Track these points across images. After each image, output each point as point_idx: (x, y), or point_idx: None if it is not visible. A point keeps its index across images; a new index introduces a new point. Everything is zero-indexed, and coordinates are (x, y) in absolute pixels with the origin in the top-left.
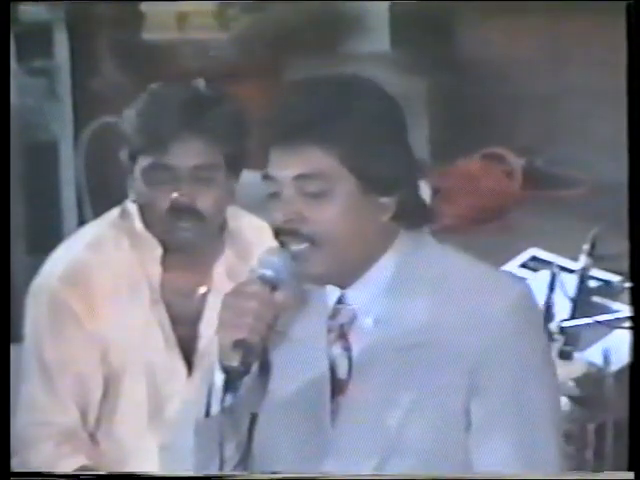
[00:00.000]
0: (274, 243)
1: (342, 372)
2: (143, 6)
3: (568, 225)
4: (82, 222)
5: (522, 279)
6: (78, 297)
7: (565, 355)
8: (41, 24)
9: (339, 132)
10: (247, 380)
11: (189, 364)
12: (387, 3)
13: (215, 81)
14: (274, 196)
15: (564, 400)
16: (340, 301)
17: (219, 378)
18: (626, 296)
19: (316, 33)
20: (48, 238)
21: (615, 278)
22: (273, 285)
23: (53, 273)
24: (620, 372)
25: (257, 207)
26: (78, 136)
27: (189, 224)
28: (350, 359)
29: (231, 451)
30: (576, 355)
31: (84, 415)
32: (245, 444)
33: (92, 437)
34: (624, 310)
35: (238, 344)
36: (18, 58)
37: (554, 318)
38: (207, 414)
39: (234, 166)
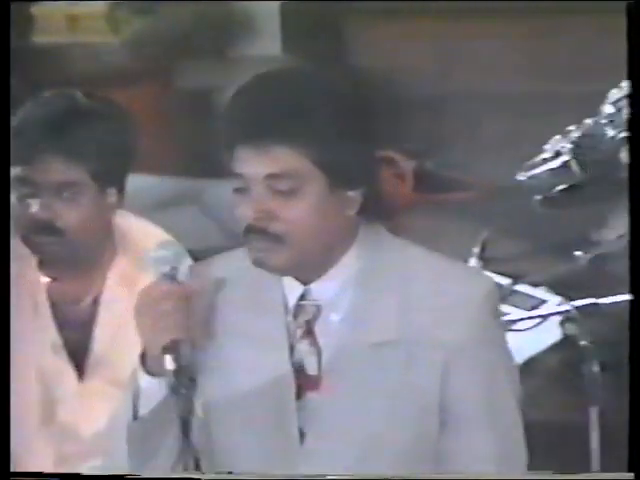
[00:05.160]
0: (163, 238)
1: (312, 368)
2: (33, 8)
3: (458, 228)
4: None
5: (484, 273)
6: None
7: None
8: None
9: (308, 130)
10: (182, 380)
11: (81, 369)
12: (277, 5)
13: (103, 88)
14: (243, 193)
15: None
16: (303, 297)
17: (145, 381)
18: (515, 299)
19: (207, 36)
20: None
21: (504, 281)
22: (175, 278)
23: None
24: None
25: (149, 211)
26: None
27: (49, 240)
28: (319, 355)
29: (166, 455)
30: None
31: None
32: (184, 447)
33: None
34: (512, 313)
35: (168, 347)
36: None
37: None
38: (135, 417)
39: (107, 182)
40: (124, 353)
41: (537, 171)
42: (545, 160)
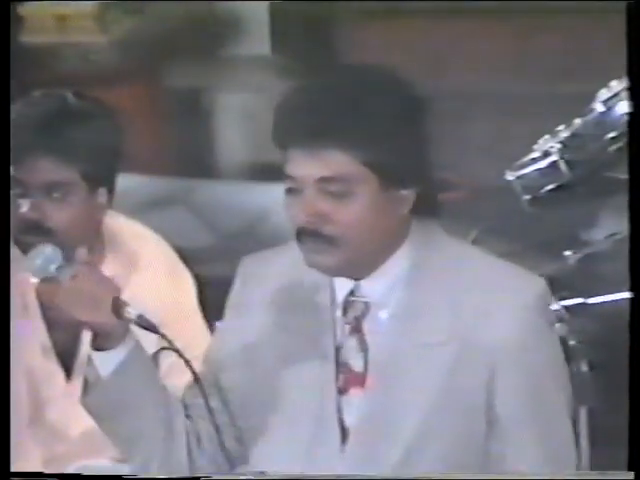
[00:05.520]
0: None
1: (358, 365)
2: (21, 8)
3: (448, 228)
4: None
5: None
6: None
7: None
8: None
9: (360, 133)
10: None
11: (69, 369)
12: (266, 5)
13: (92, 88)
14: (294, 194)
15: None
16: (352, 293)
17: (98, 357)
18: None
19: (196, 37)
20: None
21: None
22: (66, 268)
23: None
24: None
25: (138, 210)
26: None
27: (39, 240)
28: (366, 353)
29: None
30: None
31: None
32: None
33: None
34: None
35: (117, 305)
36: None
37: None
38: (84, 394)
39: (97, 182)
40: None
41: (526, 171)
42: (534, 160)
